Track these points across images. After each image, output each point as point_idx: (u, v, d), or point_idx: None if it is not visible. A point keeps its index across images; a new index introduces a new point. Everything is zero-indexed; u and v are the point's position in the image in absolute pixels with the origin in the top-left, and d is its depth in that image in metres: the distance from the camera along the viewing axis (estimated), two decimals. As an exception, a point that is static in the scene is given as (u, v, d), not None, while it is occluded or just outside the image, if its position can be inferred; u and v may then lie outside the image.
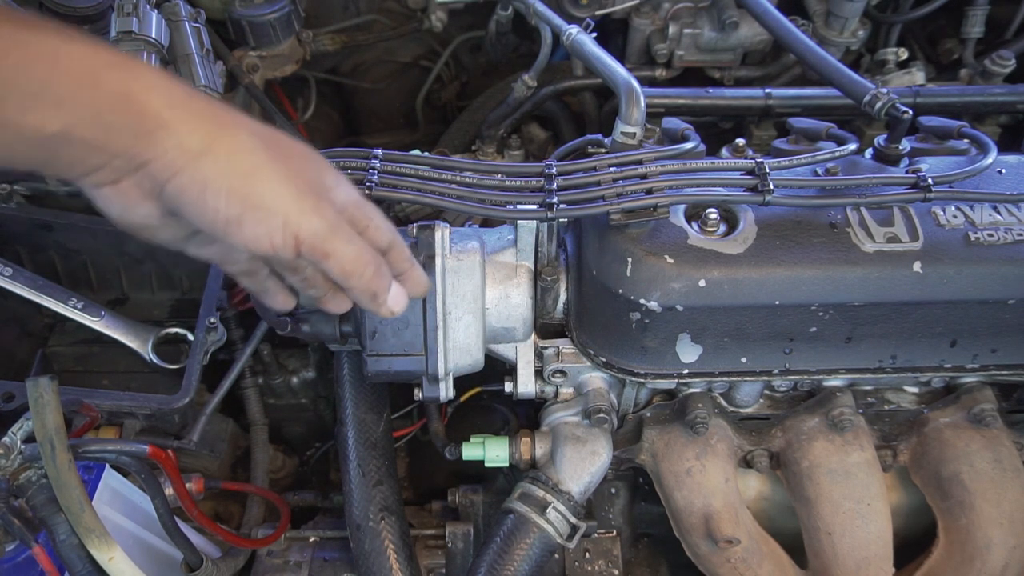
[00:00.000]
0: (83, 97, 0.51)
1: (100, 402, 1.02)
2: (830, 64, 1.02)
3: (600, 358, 0.94)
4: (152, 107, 0.53)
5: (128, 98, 0.52)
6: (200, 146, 0.54)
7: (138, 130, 0.53)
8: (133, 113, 0.52)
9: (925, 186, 0.88)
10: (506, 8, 1.43)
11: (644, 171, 0.88)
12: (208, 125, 0.54)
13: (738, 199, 0.88)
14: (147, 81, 0.53)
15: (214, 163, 0.54)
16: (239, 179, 0.55)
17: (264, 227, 0.57)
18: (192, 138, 0.54)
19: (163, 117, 0.53)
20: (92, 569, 0.81)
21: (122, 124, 0.52)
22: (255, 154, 0.56)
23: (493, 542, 0.96)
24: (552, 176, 0.89)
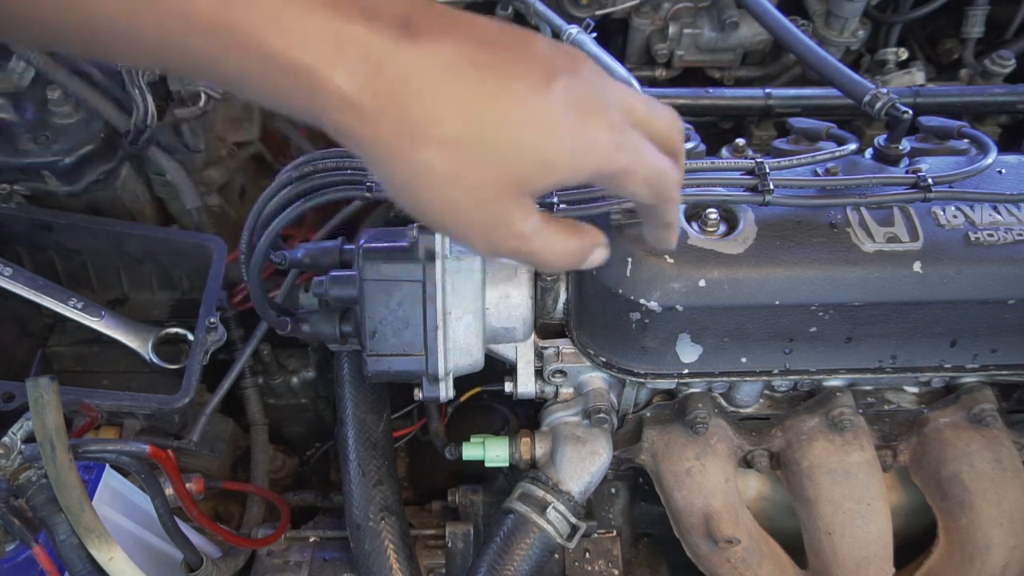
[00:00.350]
0: (269, 101, 0.47)
1: (100, 402, 1.02)
2: (830, 64, 1.02)
3: (600, 358, 0.94)
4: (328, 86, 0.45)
5: (298, 67, 0.44)
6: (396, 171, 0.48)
7: (307, 100, 0.47)
8: (302, 83, 0.45)
9: (925, 186, 0.88)
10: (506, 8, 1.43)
11: None
12: (406, 154, 0.46)
13: (738, 199, 0.89)
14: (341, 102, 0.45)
15: (419, 190, 0.49)
16: (407, 193, 0.51)
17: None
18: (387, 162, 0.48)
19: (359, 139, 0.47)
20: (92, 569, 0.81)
21: (287, 90, 0.46)
22: (457, 185, 0.48)
23: (493, 542, 0.96)
24: None
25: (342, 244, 0.99)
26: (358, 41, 0.44)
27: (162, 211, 1.28)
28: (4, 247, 1.15)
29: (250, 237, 0.95)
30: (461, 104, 0.46)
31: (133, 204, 1.22)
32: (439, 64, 0.45)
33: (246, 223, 0.95)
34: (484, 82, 0.46)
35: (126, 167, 1.19)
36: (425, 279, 0.89)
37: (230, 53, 0.43)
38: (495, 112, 0.46)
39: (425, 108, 0.45)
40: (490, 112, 0.46)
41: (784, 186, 0.89)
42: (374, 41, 0.44)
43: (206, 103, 1.17)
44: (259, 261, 0.92)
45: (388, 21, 0.44)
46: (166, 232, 1.20)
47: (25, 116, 1.11)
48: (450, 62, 0.45)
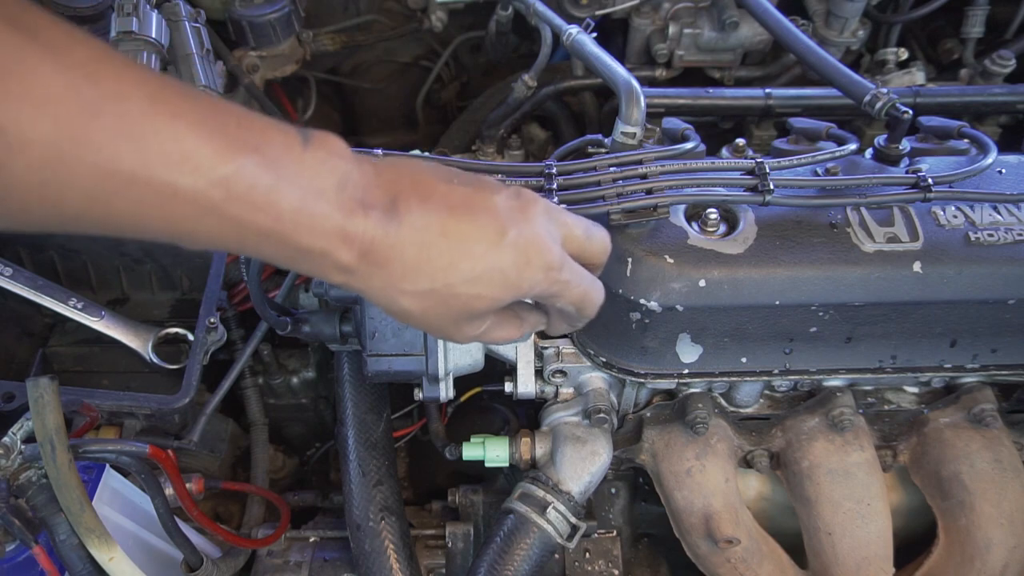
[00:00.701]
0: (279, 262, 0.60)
1: (100, 402, 1.02)
2: (830, 64, 1.02)
3: (600, 358, 0.94)
4: (339, 282, 0.61)
5: (318, 274, 0.61)
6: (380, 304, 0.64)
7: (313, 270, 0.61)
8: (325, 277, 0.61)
9: (925, 186, 0.88)
10: (506, 8, 1.43)
11: (644, 171, 0.88)
12: (385, 304, 0.64)
13: (738, 199, 0.89)
14: (337, 267, 0.59)
15: (399, 316, 0.65)
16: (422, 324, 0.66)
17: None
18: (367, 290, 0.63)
19: (351, 287, 0.62)
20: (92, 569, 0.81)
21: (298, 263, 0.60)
22: (424, 321, 0.65)
23: (493, 542, 0.96)
24: (552, 176, 0.89)
25: (342, 244, 0.99)
26: (358, 231, 0.58)
27: (162, 211, 1.27)
28: (4, 247, 1.15)
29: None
30: (431, 270, 0.61)
31: (133, 204, 1.22)
32: (416, 241, 0.60)
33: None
34: (449, 249, 0.61)
35: (126, 167, 1.18)
36: (425, 279, 0.89)
37: (265, 245, 0.57)
38: (456, 272, 0.62)
39: (404, 272, 0.60)
40: (452, 273, 0.61)
41: (784, 186, 0.89)
42: (368, 227, 0.58)
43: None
44: (259, 261, 0.92)
45: (379, 208, 0.59)
46: (166, 232, 1.20)
47: (25, 116, 1.11)
48: (425, 238, 0.60)
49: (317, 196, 0.56)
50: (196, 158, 0.51)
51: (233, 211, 0.53)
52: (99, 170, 0.49)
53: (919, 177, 0.89)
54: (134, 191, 0.50)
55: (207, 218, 0.53)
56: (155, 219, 0.53)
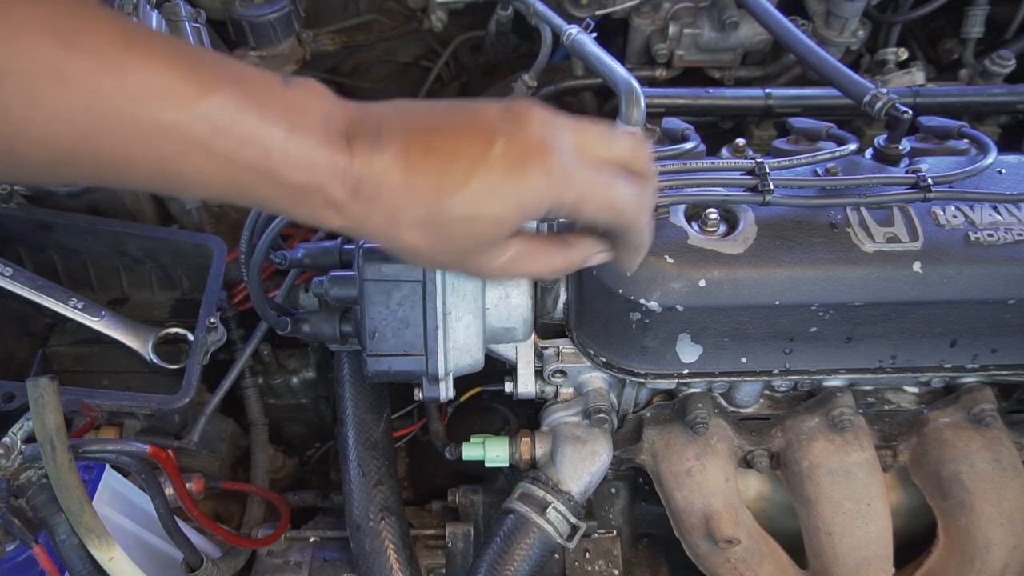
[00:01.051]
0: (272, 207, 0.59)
1: (100, 402, 1.02)
2: (830, 64, 1.02)
3: (600, 358, 0.94)
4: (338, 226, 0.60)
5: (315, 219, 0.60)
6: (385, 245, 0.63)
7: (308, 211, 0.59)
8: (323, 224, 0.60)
9: (925, 186, 0.88)
10: (506, 8, 1.43)
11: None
12: (388, 241, 0.61)
13: (738, 199, 0.89)
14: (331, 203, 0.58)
15: (407, 255, 0.63)
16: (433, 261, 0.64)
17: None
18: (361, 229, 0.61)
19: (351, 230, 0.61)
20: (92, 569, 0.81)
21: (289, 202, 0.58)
22: (434, 257, 0.63)
23: (493, 542, 0.96)
24: None
25: (342, 244, 0.99)
26: (346, 164, 0.56)
27: (162, 211, 1.28)
28: (4, 247, 1.15)
29: (250, 237, 0.95)
30: (421, 194, 0.57)
31: (133, 204, 1.22)
32: (401, 165, 0.57)
33: (246, 223, 0.95)
34: (436, 171, 0.57)
35: (126, 167, 1.19)
36: (425, 279, 0.89)
37: (259, 185, 0.55)
38: (448, 193, 0.57)
39: (396, 202, 0.57)
40: (444, 194, 0.57)
41: (784, 186, 0.89)
42: (356, 160, 0.56)
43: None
44: (259, 261, 0.92)
45: (365, 139, 0.57)
46: (166, 232, 1.20)
47: (25, 116, 1.11)
48: (409, 161, 0.57)
49: (304, 131, 0.55)
50: (176, 92, 0.50)
51: (220, 146, 0.52)
52: (81, 105, 0.49)
53: (919, 177, 0.89)
54: (120, 128, 0.50)
55: (195, 154, 0.52)
56: (144, 157, 0.52)
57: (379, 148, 0.56)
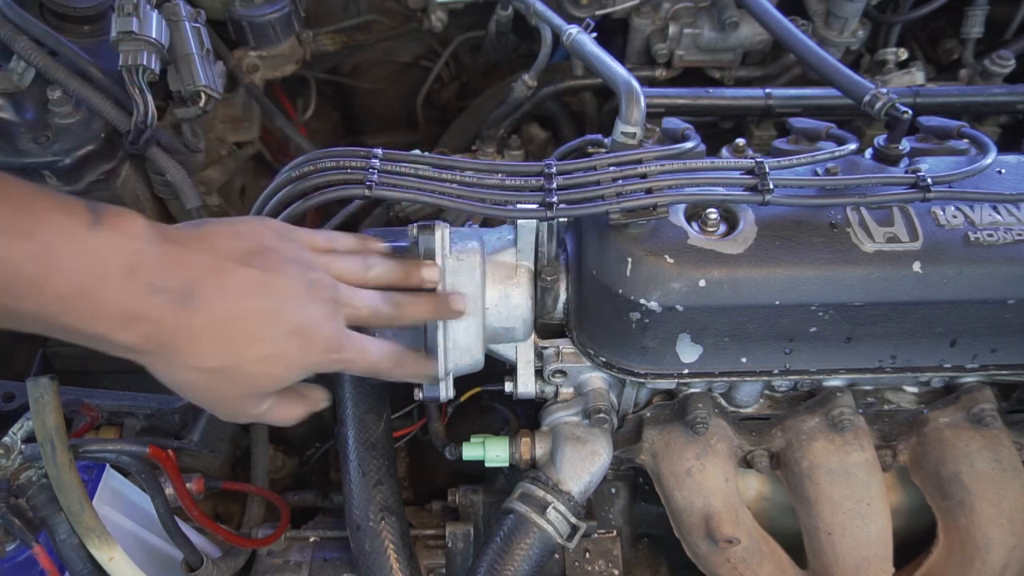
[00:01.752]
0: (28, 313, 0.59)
1: (100, 402, 1.02)
2: (830, 64, 1.02)
3: (600, 358, 0.94)
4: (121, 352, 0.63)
5: (82, 333, 0.61)
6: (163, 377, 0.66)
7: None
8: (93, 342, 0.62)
9: (924, 186, 0.88)
10: (506, 8, 1.43)
11: (643, 170, 0.88)
12: (165, 376, 0.65)
13: (738, 199, 0.89)
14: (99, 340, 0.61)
15: (185, 391, 0.67)
16: (208, 403, 0.70)
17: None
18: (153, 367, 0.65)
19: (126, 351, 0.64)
20: (92, 569, 0.81)
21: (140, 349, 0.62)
22: (211, 400, 0.69)
23: (493, 542, 0.96)
24: (552, 175, 0.89)
25: (342, 244, 0.99)
26: (145, 314, 0.60)
27: (162, 211, 1.28)
28: (4, 247, 1.15)
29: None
30: (221, 349, 0.64)
31: (133, 204, 1.22)
32: (208, 323, 0.62)
33: (252, 209, 0.95)
34: (242, 333, 0.64)
35: (126, 167, 1.19)
36: (425, 279, 0.89)
37: (39, 328, 0.60)
38: (246, 353, 0.65)
39: (193, 351, 0.63)
40: (242, 353, 0.64)
41: (784, 186, 0.89)
42: (157, 311, 0.60)
43: (206, 103, 1.17)
44: None
45: (173, 293, 0.60)
46: (166, 232, 1.20)
47: (25, 116, 1.11)
48: (216, 321, 0.62)
49: (98, 280, 0.57)
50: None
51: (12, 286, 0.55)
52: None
53: (918, 177, 0.89)
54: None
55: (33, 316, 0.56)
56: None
57: (188, 305, 0.61)
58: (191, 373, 0.65)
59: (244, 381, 0.67)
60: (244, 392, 0.69)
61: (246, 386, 0.68)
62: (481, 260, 0.91)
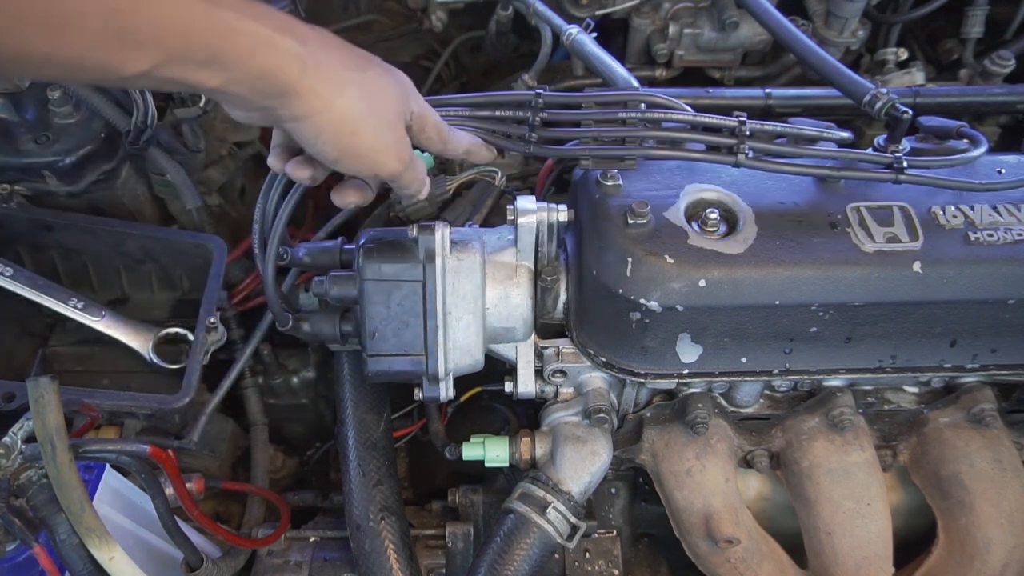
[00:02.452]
0: (242, 68, 0.65)
1: (100, 402, 1.02)
2: (830, 64, 1.02)
3: (600, 358, 0.94)
4: (291, 80, 0.67)
5: (274, 73, 0.66)
6: (320, 107, 0.70)
7: (277, 94, 0.68)
8: (276, 83, 0.67)
9: (899, 167, 0.89)
10: (506, 8, 1.43)
11: (624, 117, 0.90)
12: (329, 89, 0.70)
13: (707, 159, 0.90)
14: (290, 57, 0.67)
15: (327, 121, 0.71)
16: (344, 136, 0.72)
17: (353, 166, 0.76)
18: (315, 101, 0.69)
19: (298, 87, 0.68)
20: (92, 569, 0.81)
21: (266, 89, 0.67)
22: (358, 114, 0.72)
23: (493, 542, 0.96)
24: (537, 108, 0.90)
25: (342, 244, 0.99)
26: (304, 55, 0.69)
27: (162, 211, 1.28)
28: (4, 247, 1.15)
29: (263, 207, 0.94)
30: (353, 68, 0.73)
31: (133, 204, 1.22)
32: (341, 63, 0.73)
33: (260, 194, 0.94)
34: (361, 61, 0.76)
35: (126, 167, 1.19)
36: (425, 279, 0.89)
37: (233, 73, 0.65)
38: (369, 70, 0.75)
39: (337, 79, 0.71)
40: (367, 71, 0.75)
41: (761, 152, 0.90)
42: (311, 66, 0.69)
43: (206, 103, 1.17)
44: (275, 248, 0.91)
45: (312, 45, 0.71)
46: (166, 232, 1.20)
47: (25, 116, 1.11)
48: (344, 63, 0.73)
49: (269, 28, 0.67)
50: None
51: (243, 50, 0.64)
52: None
53: (894, 157, 0.89)
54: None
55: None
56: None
57: (323, 43, 0.72)
58: (349, 90, 0.71)
59: (379, 95, 0.75)
60: (393, 110, 0.76)
61: (383, 102, 0.75)
62: (481, 260, 0.91)
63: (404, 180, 0.80)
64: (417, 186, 0.83)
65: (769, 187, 0.93)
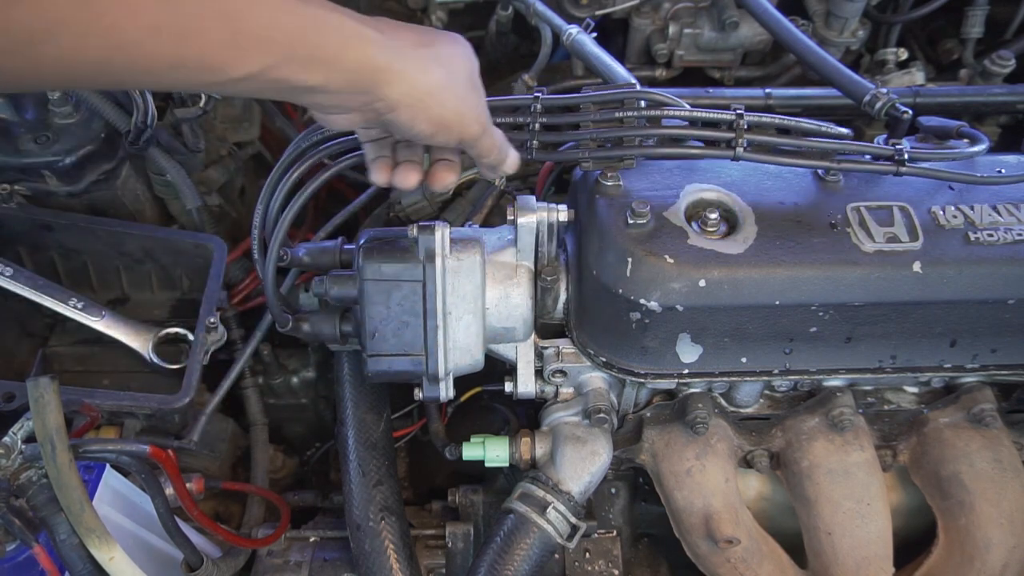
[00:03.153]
0: (338, 63, 0.68)
1: (100, 402, 1.02)
2: (830, 64, 1.02)
3: (600, 358, 0.94)
4: (380, 67, 0.70)
5: (366, 62, 0.69)
6: (409, 88, 0.72)
7: (373, 86, 0.70)
8: (368, 73, 0.69)
9: (900, 159, 0.88)
10: (506, 8, 1.43)
11: (621, 116, 0.90)
12: (412, 68, 0.72)
13: (705, 155, 0.90)
14: (376, 45, 0.69)
15: (419, 100, 0.73)
16: (434, 109, 0.75)
17: (444, 137, 0.78)
18: (404, 84, 0.72)
19: (387, 73, 0.70)
20: (92, 569, 0.81)
21: (360, 80, 0.69)
22: (441, 86, 0.75)
23: (493, 542, 0.96)
24: (536, 113, 0.90)
25: (342, 244, 0.99)
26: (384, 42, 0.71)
27: (162, 211, 1.28)
28: (4, 247, 1.15)
29: (264, 211, 0.94)
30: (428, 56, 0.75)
31: (133, 204, 1.22)
32: (413, 42, 0.74)
33: (260, 197, 0.95)
34: (437, 39, 0.77)
35: (126, 167, 1.19)
36: (425, 279, 0.89)
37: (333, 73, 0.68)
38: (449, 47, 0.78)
39: (416, 57, 0.73)
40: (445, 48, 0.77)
41: (759, 146, 0.90)
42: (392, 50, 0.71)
43: (206, 103, 1.17)
44: (281, 233, 0.91)
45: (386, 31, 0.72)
46: (166, 232, 1.20)
47: (25, 116, 1.11)
48: (416, 41, 0.74)
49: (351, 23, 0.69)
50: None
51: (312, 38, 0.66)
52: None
53: (895, 149, 0.89)
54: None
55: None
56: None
57: (392, 27, 0.74)
58: (434, 68, 0.74)
59: (458, 67, 0.78)
60: (467, 84, 0.79)
61: (463, 74, 0.79)
62: (481, 260, 0.91)
63: (483, 145, 0.82)
64: (496, 153, 0.84)
65: (769, 187, 0.93)
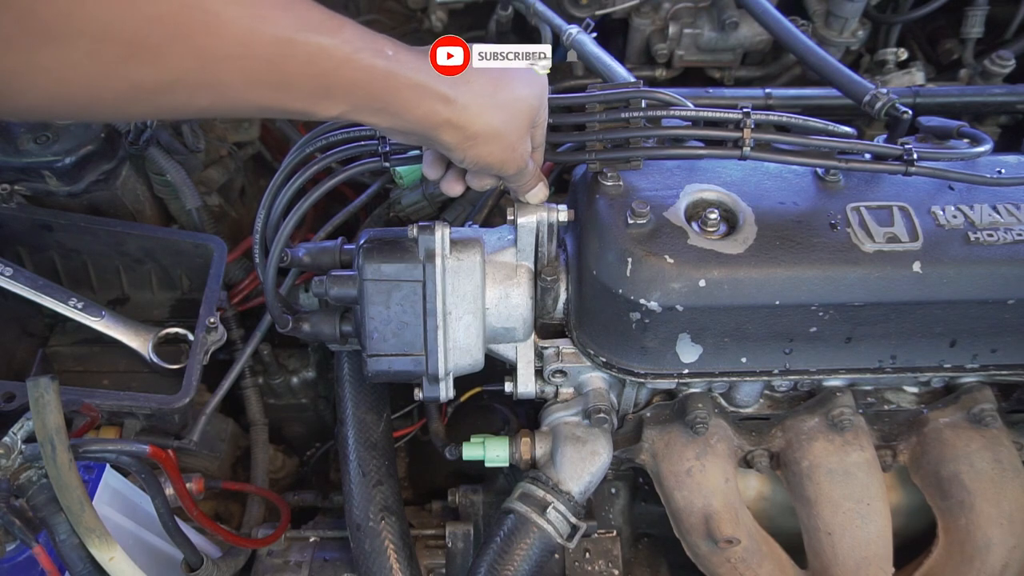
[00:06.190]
0: (408, 115, 0.75)
1: (100, 402, 1.02)
2: (830, 64, 1.02)
3: (600, 358, 0.94)
4: (442, 120, 0.77)
5: (431, 116, 0.76)
6: (463, 136, 0.79)
7: (434, 133, 0.77)
8: (432, 123, 0.77)
9: (910, 159, 0.88)
10: (506, 8, 1.43)
11: (627, 117, 0.90)
12: (470, 118, 0.78)
13: (712, 155, 0.90)
14: (444, 101, 0.76)
15: (470, 145, 0.80)
16: (482, 151, 0.81)
17: (487, 171, 0.85)
18: (459, 133, 0.78)
19: (447, 125, 0.77)
20: (92, 569, 0.81)
21: (424, 129, 0.77)
22: (493, 133, 0.80)
23: (493, 542, 0.96)
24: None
25: (342, 244, 0.99)
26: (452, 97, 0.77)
27: (162, 211, 1.28)
28: (4, 247, 1.15)
29: (266, 216, 0.94)
30: (495, 85, 0.81)
31: (133, 204, 1.22)
32: (479, 92, 0.79)
33: (262, 201, 0.94)
34: (498, 77, 0.81)
35: (126, 167, 1.19)
36: (425, 279, 0.89)
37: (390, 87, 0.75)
38: (507, 86, 0.82)
39: (477, 107, 0.79)
40: (506, 85, 0.81)
41: (765, 145, 0.89)
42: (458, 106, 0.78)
43: (206, 103, 1.17)
44: (276, 252, 0.91)
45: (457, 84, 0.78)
46: (166, 232, 1.20)
47: (25, 116, 1.11)
48: (482, 91, 0.79)
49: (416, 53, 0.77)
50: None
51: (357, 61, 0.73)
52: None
53: (904, 149, 0.89)
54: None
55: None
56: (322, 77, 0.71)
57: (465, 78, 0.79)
58: (493, 114, 0.80)
59: (517, 107, 0.82)
60: (522, 123, 0.83)
61: (519, 114, 0.83)
62: (481, 260, 0.91)
63: (516, 180, 0.89)
64: (526, 186, 0.90)
65: (769, 187, 0.93)
